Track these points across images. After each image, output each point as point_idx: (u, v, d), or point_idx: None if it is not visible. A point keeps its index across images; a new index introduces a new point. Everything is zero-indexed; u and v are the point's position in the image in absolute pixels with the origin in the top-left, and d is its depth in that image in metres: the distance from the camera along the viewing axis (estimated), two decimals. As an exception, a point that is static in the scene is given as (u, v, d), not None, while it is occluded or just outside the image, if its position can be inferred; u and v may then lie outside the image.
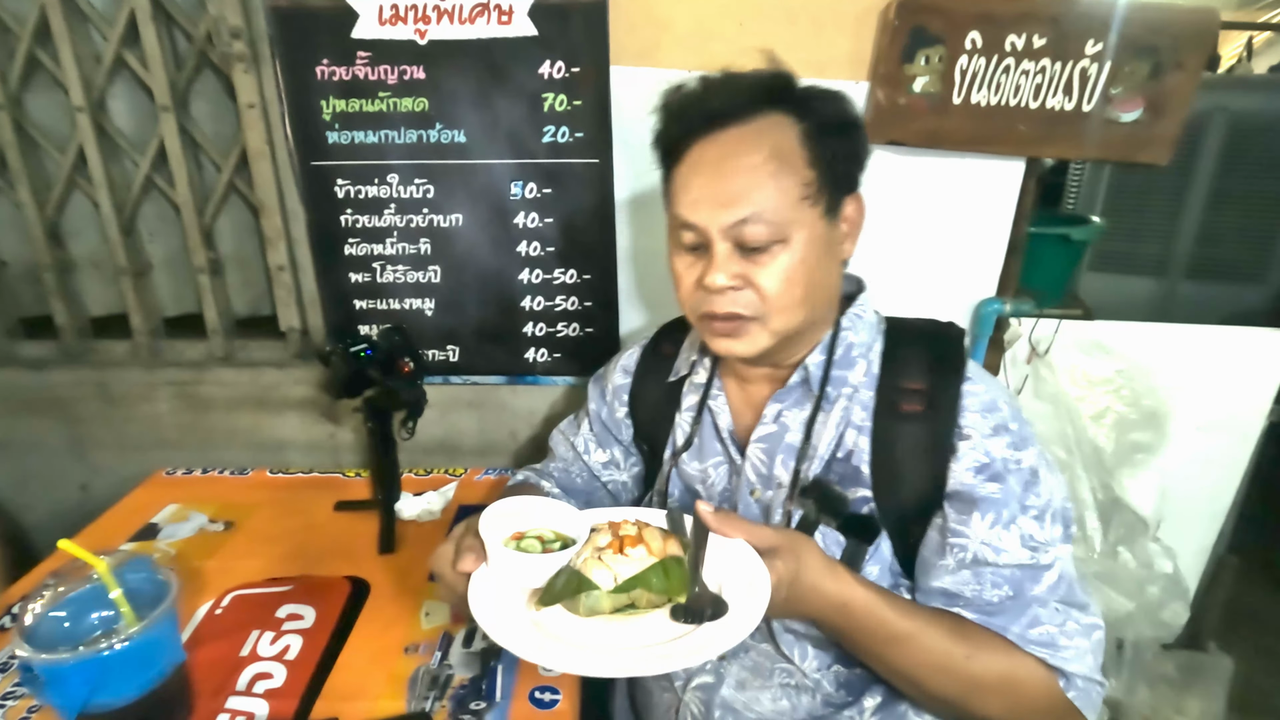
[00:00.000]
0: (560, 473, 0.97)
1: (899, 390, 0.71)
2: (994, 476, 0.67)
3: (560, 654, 0.56)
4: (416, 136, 1.13)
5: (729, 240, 0.67)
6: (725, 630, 0.56)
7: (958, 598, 0.67)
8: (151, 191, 1.26)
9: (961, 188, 1.14)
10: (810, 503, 0.72)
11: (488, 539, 0.63)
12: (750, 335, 0.70)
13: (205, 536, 1.08)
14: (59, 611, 0.67)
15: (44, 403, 1.33)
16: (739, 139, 0.67)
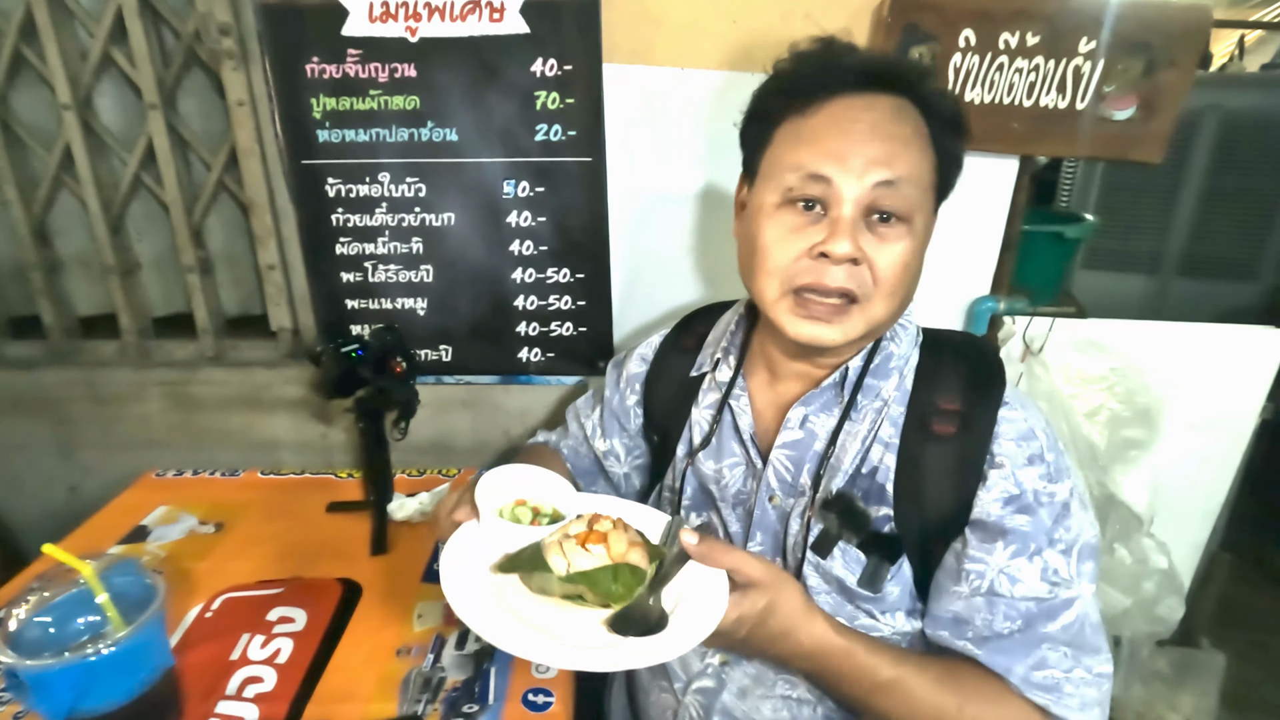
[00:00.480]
0: (570, 450, 0.98)
1: (932, 409, 0.68)
2: (1024, 509, 0.64)
3: (485, 618, 0.57)
4: (408, 135, 1.12)
5: (859, 207, 0.63)
6: (646, 649, 0.55)
7: (968, 624, 0.65)
8: (140, 190, 1.25)
9: (956, 186, 1.13)
10: (832, 517, 0.70)
11: (480, 500, 0.66)
12: (848, 320, 0.66)
13: (195, 538, 1.07)
14: (44, 617, 0.67)
15: (32, 403, 1.32)
16: (891, 107, 0.64)
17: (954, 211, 1.13)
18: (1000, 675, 0.64)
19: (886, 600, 0.69)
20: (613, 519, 0.65)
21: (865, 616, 0.70)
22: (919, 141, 0.65)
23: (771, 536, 0.75)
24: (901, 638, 0.70)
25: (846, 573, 0.69)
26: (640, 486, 0.96)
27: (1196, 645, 1.53)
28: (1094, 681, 0.64)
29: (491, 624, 0.57)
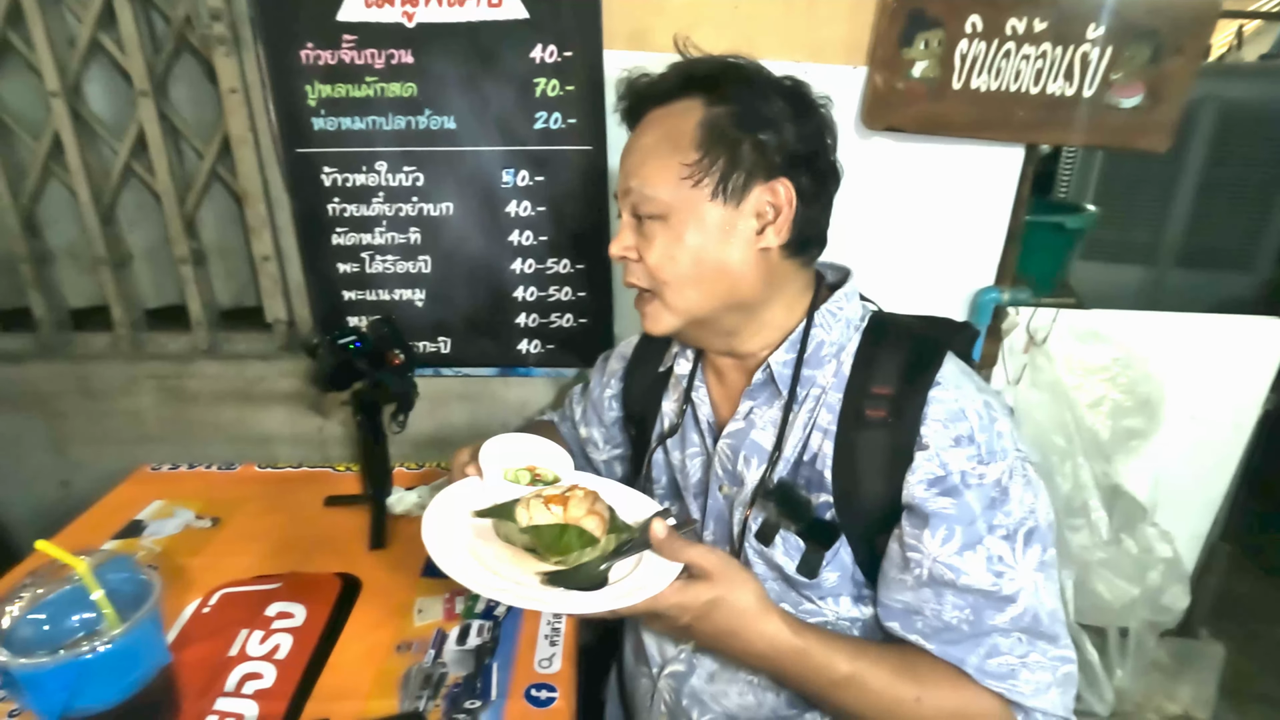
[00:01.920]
0: (569, 429, 1.02)
1: (866, 395, 0.68)
2: (949, 491, 0.63)
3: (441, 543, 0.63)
4: (405, 123, 1.10)
5: (629, 209, 0.71)
6: (560, 599, 0.60)
7: (917, 615, 0.65)
8: (131, 180, 1.23)
9: (960, 175, 1.12)
10: (772, 505, 0.71)
11: (486, 458, 0.73)
12: (654, 312, 0.72)
13: (191, 533, 1.05)
14: (38, 614, 0.65)
15: (22, 397, 1.30)
16: (649, 122, 0.71)
17: (959, 201, 1.14)
18: (955, 666, 0.64)
19: (824, 586, 0.70)
20: (586, 491, 0.69)
21: (807, 602, 0.71)
22: (663, 144, 0.68)
23: (722, 525, 0.78)
24: (851, 623, 0.71)
25: (786, 560, 0.70)
26: (622, 475, 0.98)
27: (1195, 636, 1.54)
28: (1049, 665, 0.64)
29: (445, 550, 0.63)
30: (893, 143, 1.09)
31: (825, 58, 1.05)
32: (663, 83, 0.70)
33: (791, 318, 0.73)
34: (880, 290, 0.80)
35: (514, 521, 0.66)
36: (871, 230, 1.06)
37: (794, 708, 0.74)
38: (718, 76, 0.68)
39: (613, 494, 0.73)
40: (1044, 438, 1.19)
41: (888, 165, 1.11)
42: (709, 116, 0.67)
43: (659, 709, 0.82)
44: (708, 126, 0.67)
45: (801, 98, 0.69)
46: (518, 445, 0.77)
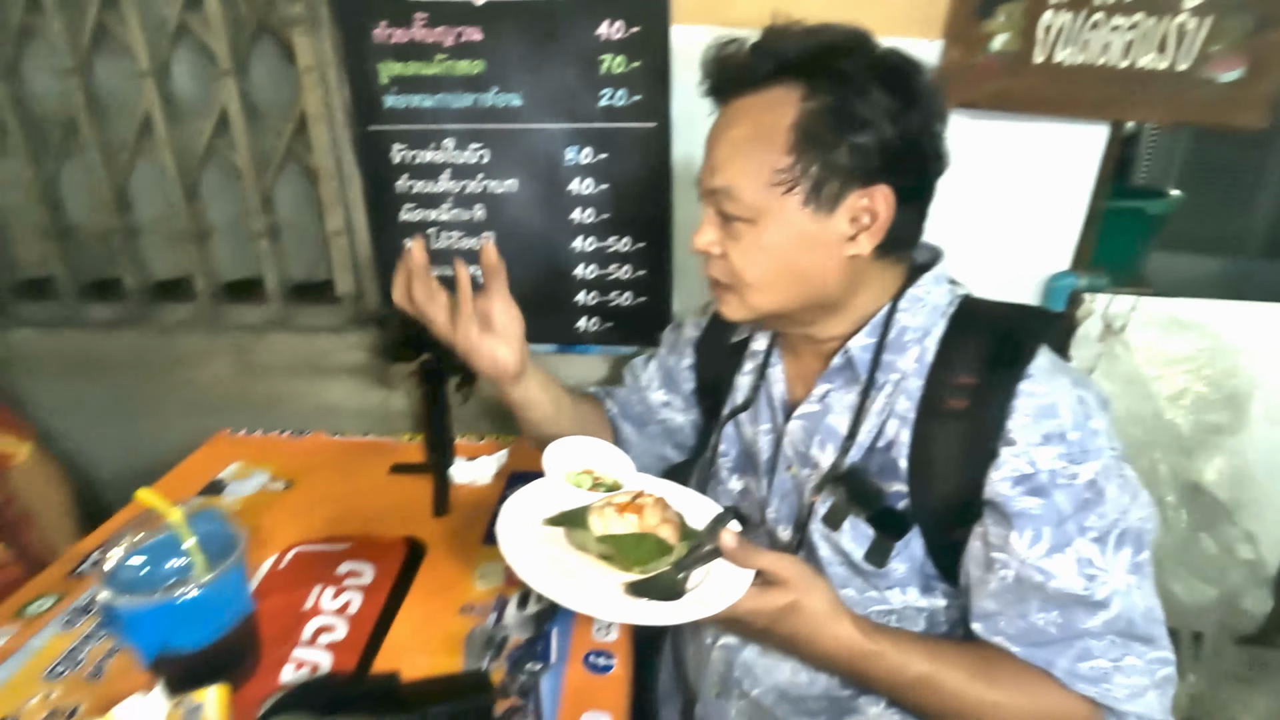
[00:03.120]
0: (623, 400, 1.00)
1: (947, 384, 0.66)
2: (1036, 490, 0.60)
3: (523, 557, 0.63)
4: (472, 100, 1.12)
5: (714, 207, 0.68)
6: (650, 610, 0.59)
7: (1000, 617, 0.63)
8: (213, 157, 1.28)
9: (1037, 154, 1.08)
10: (841, 490, 0.70)
11: (550, 462, 0.74)
12: (729, 302, 0.71)
13: (267, 494, 1.10)
14: (137, 558, 0.70)
15: (112, 363, 1.38)
16: (739, 110, 0.66)
17: (1035, 181, 1.10)
18: (1042, 669, 0.62)
19: (891, 576, 0.68)
20: (654, 497, 0.69)
21: (872, 590, 0.70)
22: (752, 143, 0.64)
23: (788, 504, 0.77)
24: (918, 613, 0.69)
25: (854, 546, 0.69)
26: (694, 446, 0.98)
27: (1275, 645, 1.46)
28: (1145, 668, 0.61)
29: (527, 563, 0.62)
30: (966, 120, 1.06)
31: (897, 30, 1.00)
32: (753, 66, 0.65)
33: (875, 303, 0.71)
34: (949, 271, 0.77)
35: (588, 530, 0.66)
36: (940, 210, 1.03)
37: (847, 688, 0.73)
38: (814, 61, 0.62)
39: (672, 496, 0.73)
40: (1118, 430, 1.14)
41: (960, 143, 1.06)
42: (804, 116, 0.62)
43: (711, 680, 0.82)
44: (802, 129, 0.62)
45: (908, 84, 0.63)
46: (576, 448, 0.77)
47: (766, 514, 0.77)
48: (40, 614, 0.85)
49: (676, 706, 0.93)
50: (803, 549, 0.72)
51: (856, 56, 0.63)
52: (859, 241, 0.65)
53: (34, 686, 0.75)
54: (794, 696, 0.75)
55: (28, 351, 1.39)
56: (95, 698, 0.73)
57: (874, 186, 0.63)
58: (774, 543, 0.76)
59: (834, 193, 0.63)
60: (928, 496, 0.66)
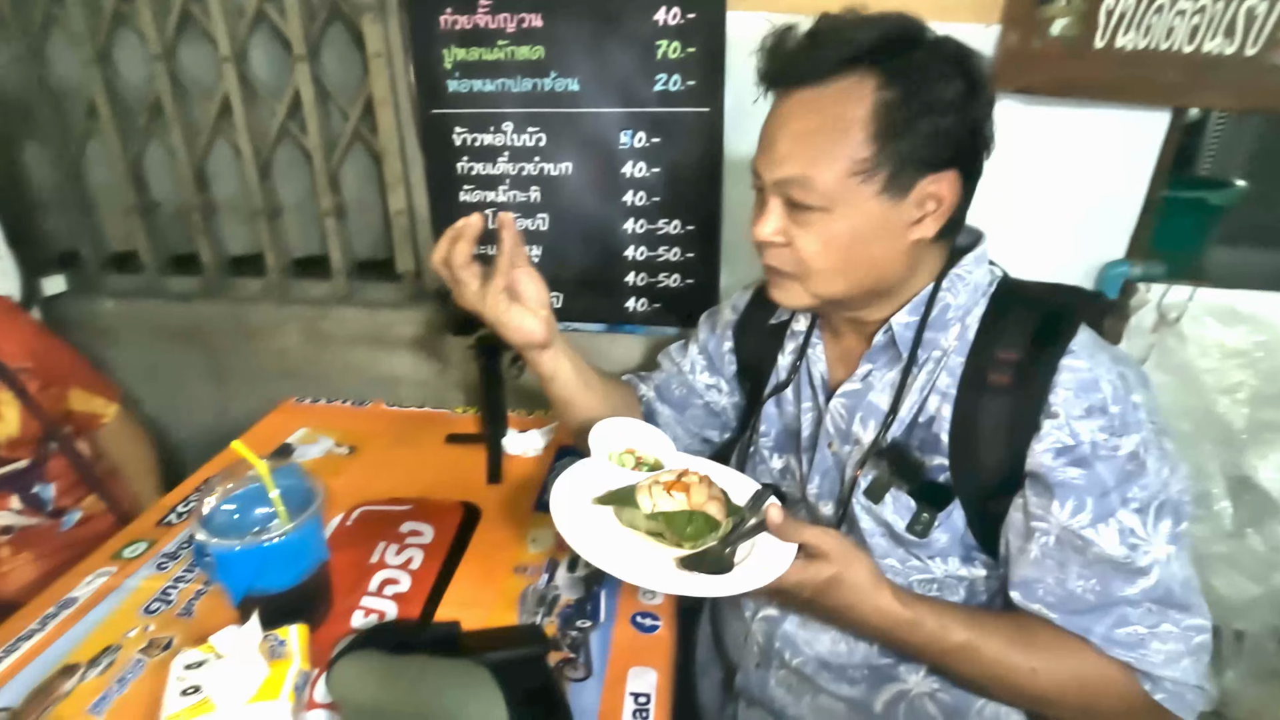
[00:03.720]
0: (661, 384, 1.02)
1: (990, 360, 0.68)
2: (1078, 461, 0.62)
3: (580, 536, 0.65)
4: (531, 85, 1.16)
5: (779, 195, 0.68)
6: (702, 583, 0.62)
7: (1038, 584, 0.65)
8: (285, 138, 1.35)
9: (1096, 140, 1.07)
10: (885, 464, 0.72)
11: (595, 443, 0.77)
12: (790, 290, 0.72)
13: (332, 458, 1.17)
14: (228, 505, 0.76)
15: (189, 333, 1.47)
16: (808, 102, 0.65)
17: (1093, 168, 1.09)
18: (1078, 636, 0.64)
19: (933, 546, 0.71)
20: (700, 475, 0.72)
21: (914, 560, 0.72)
22: (828, 134, 0.64)
23: (829, 480, 0.79)
24: (959, 582, 0.72)
25: (896, 518, 0.71)
26: (737, 428, 1.00)
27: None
28: (1181, 635, 0.62)
29: (585, 541, 0.65)
30: (1023, 105, 1.05)
31: (953, 15, 1.01)
32: (820, 57, 0.64)
33: (920, 284, 0.73)
34: (1000, 258, 0.78)
35: (637, 508, 0.69)
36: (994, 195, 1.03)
37: (887, 656, 0.76)
38: (885, 51, 0.62)
39: (714, 474, 0.76)
40: (1170, 423, 1.13)
41: (1016, 129, 1.07)
42: (881, 106, 0.62)
43: (751, 649, 0.86)
44: (882, 118, 0.62)
45: (973, 70, 0.63)
46: (618, 429, 0.80)
47: (808, 490, 0.80)
48: (135, 557, 0.93)
49: (714, 679, 0.96)
50: (845, 523, 0.75)
51: (924, 45, 0.64)
52: (924, 225, 0.67)
53: (132, 620, 0.82)
54: (835, 665, 0.78)
55: (115, 321, 1.49)
56: (186, 632, 0.80)
57: (943, 172, 0.65)
58: (815, 518, 0.79)
59: (908, 180, 0.64)
60: (969, 469, 0.68)
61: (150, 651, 0.78)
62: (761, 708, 0.86)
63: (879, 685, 0.76)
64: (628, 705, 0.71)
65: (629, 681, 0.74)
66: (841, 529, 0.75)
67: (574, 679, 0.74)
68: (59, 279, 1.47)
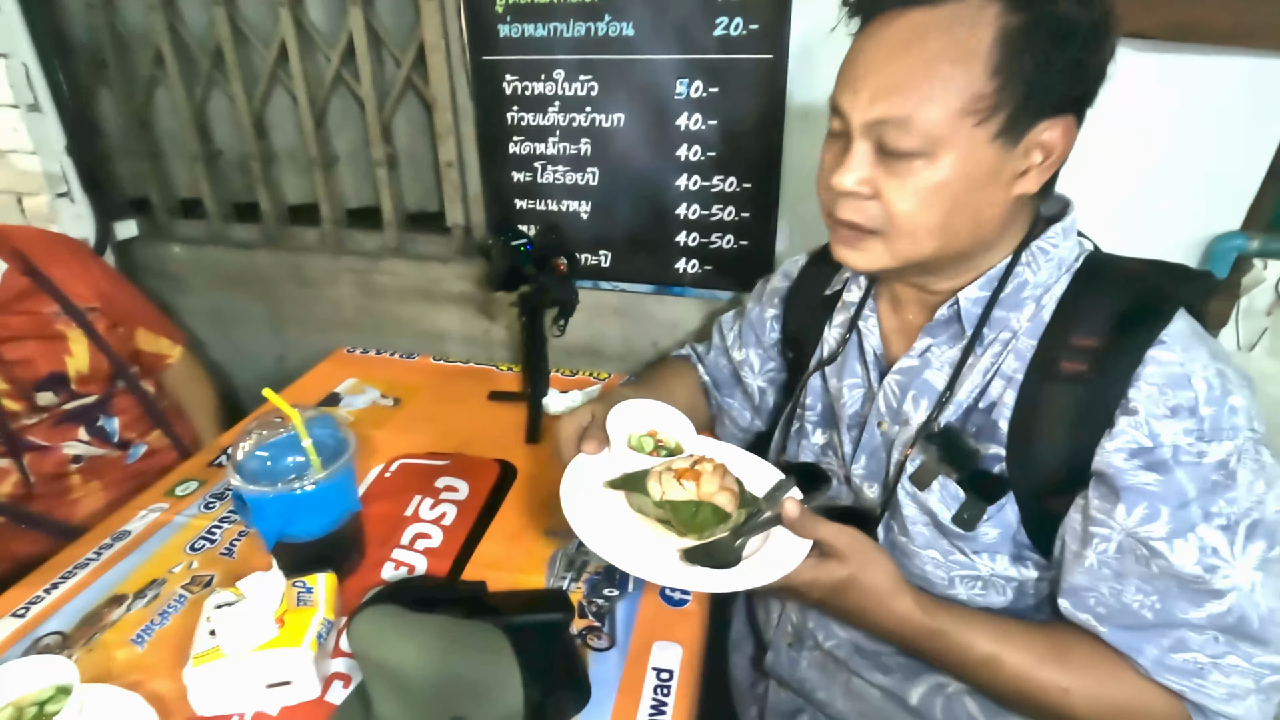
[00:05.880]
0: (712, 361, 1.00)
1: (1064, 345, 0.60)
2: (1155, 465, 0.55)
3: (583, 520, 0.64)
4: (584, 30, 1.10)
5: (870, 139, 0.59)
6: (704, 578, 0.60)
7: (1090, 593, 0.59)
8: (338, 87, 1.34)
9: (1213, 93, 0.94)
10: (934, 449, 0.66)
11: (613, 424, 0.73)
12: (869, 249, 0.63)
13: (377, 409, 1.19)
14: (263, 452, 0.77)
15: (250, 281, 1.51)
16: (919, 25, 0.55)
17: (1206, 126, 0.96)
18: (1126, 655, 0.57)
19: (980, 540, 0.64)
20: (714, 463, 0.68)
21: (959, 554, 0.66)
22: (944, 64, 0.54)
23: (875, 461, 0.73)
24: (1006, 582, 0.65)
25: (942, 507, 0.65)
26: (775, 404, 0.95)
27: None
28: (1252, 671, 0.55)
29: (589, 525, 0.64)
30: (1132, 52, 0.93)
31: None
32: None
33: (1000, 254, 0.65)
34: (1091, 229, 0.69)
35: (646, 495, 0.66)
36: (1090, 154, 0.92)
37: None
38: None
39: (735, 462, 0.72)
40: (1275, 417, 1.00)
41: (1122, 78, 0.94)
42: (1007, 33, 0.53)
43: (785, 629, 0.82)
44: (1006, 47, 0.53)
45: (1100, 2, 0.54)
46: (639, 411, 0.77)
47: (852, 470, 0.75)
48: (186, 495, 0.96)
49: (747, 655, 0.94)
50: (889, 507, 0.69)
51: None
52: (1028, 179, 0.59)
53: (179, 556, 0.85)
54: (869, 651, 0.73)
55: (181, 266, 1.54)
56: (226, 571, 0.82)
57: (1059, 117, 0.56)
58: (859, 499, 0.74)
59: (1025, 123, 0.56)
60: (1029, 462, 0.61)
61: (192, 588, 0.80)
62: (791, 688, 0.83)
63: (915, 676, 0.71)
64: (649, 680, 0.69)
65: (652, 655, 0.72)
66: (885, 514, 0.70)
67: (596, 648, 0.73)
68: (130, 224, 1.53)
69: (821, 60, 1.03)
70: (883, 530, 0.71)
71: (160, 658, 0.71)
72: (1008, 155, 0.57)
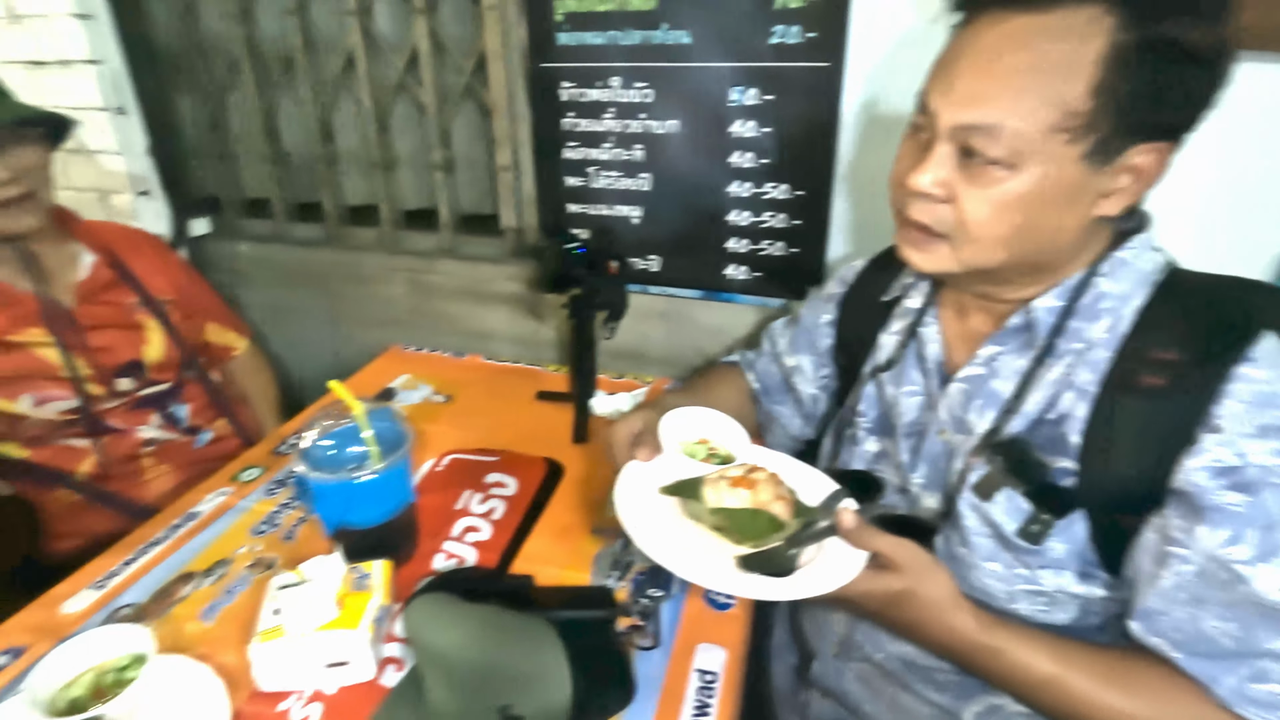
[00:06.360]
0: (762, 367, 1.00)
1: (1144, 358, 0.59)
2: (1242, 485, 0.53)
3: (639, 525, 0.65)
4: (641, 37, 1.12)
5: (953, 142, 0.58)
6: (760, 585, 0.60)
7: (1164, 617, 0.56)
8: (401, 92, 1.39)
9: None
10: (1000, 460, 0.64)
11: (666, 430, 0.73)
12: (934, 252, 0.63)
13: (430, 405, 1.22)
14: (327, 441, 0.80)
15: (311, 278, 1.57)
16: (1020, 31, 0.54)
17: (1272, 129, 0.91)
18: (1201, 684, 0.55)
19: (1047, 555, 0.62)
20: (768, 472, 0.68)
21: (1022, 568, 0.64)
22: (1041, 76, 0.53)
23: (935, 470, 0.72)
24: (1070, 599, 0.64)
25: (1006, 519, 0.64)
26: (827, 411, 0.94)
27: None
28: None
29: (645, 532, 0.64)
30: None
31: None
32: None
33: (1077, 265, 0.64)
34: (1166, 240, 0.67)
35: (701, 501, 0.67)
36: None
37: None
38: None
39: (787, 471, 0.72)
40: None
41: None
42: (1116, 49, 0.51)
43: (830, 638, 0.82)
44: (1113, 65, 0.51)
45: (1227, 11, 0.52)
46: (692, 418, 0.77)
47: (911, 479, 0.74)
48: (250, 481, 1.00)
49: (789, 663, 0.93)
50: (949, 517, 0.69)
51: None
52: (1113, 201, 0.58)
53: (243, 539, 0.89)
54: (920, 666, 0.72)
55: (248, 263, 1.61)
56: (287, 555, 0.86)
57: (1157, 142, 0.55)
58: (917, 508, 0.73)
59: (1118, 145, 0.54)
60: (1102, 477, 0.60)
61: (255, 569, 0.84)
62: (836, 699, 0.82)
63: (969, 695, 0.70)
64: (693, 681, 0.70)
65: (696, 657, 0.73)
66: (945, 524, 0.69)
67: (641, 647, 0.73)
68: (203, 222, 1.60)
69: (880, 68, 1.02)
70: (941, 541, 0.70)
71: (226, 633, 0.74)
72: (1094, 176, 0.56)
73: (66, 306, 1.09)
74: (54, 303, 1.08)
